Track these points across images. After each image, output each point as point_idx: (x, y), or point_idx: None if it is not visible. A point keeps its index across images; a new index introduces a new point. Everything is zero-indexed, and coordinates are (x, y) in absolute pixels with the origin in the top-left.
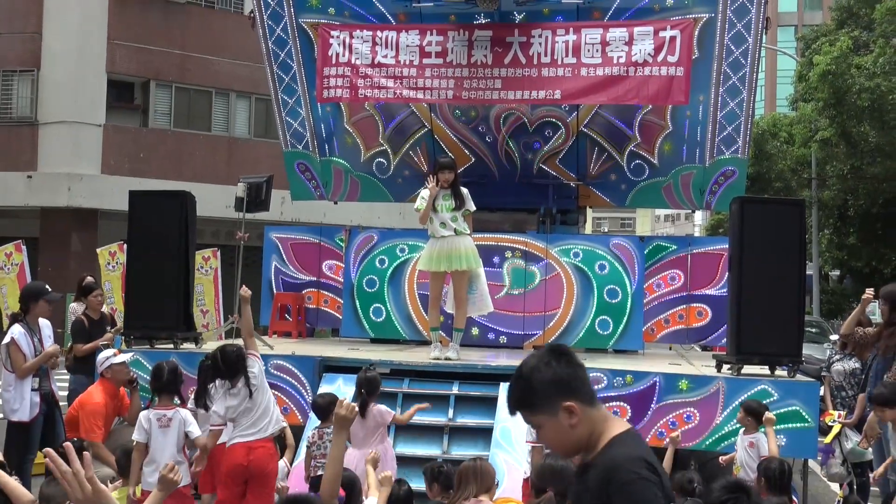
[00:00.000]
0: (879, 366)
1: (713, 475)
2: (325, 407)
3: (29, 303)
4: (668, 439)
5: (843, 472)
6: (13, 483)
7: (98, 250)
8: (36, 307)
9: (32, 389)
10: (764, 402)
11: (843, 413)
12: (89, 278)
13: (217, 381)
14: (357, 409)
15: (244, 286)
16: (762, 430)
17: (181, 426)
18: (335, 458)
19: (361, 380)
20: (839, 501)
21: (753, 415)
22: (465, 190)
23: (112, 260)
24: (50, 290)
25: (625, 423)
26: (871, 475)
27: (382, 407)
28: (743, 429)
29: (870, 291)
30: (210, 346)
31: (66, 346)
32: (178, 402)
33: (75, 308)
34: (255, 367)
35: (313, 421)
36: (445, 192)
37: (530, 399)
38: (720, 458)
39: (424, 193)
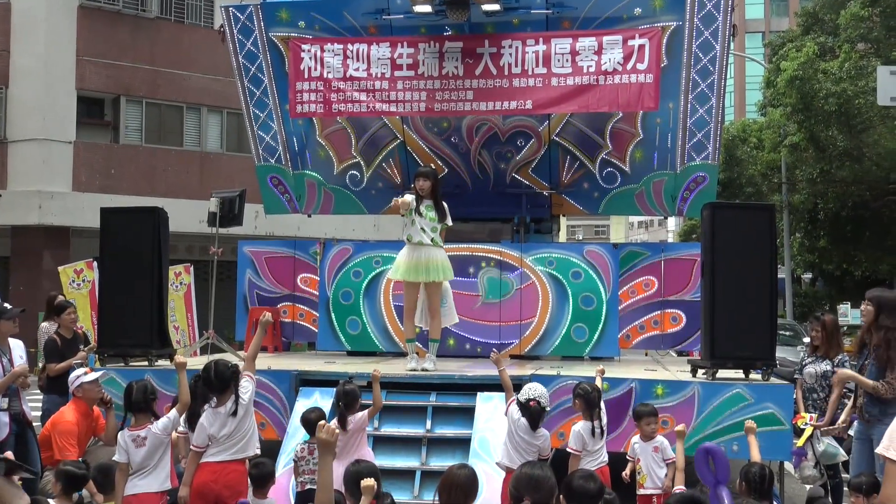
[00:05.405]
0: (872, 373)
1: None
2: (316, 421)
3: None
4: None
5: (817, 474)
6: None
7: (60, 268)
8: None
9: (2, 410)
10: (739, 405)
11: (814, 415)
12: (60, 297)
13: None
14: (338, 428)
15: (266, 311)
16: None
17: (156, 442)
18: (325, 484)
19: (339, 393)
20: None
21: (654, 417)
22: (445, 205)
23: (77, 278)
24: (8, 307)
25: None
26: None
27: (359, 413)
28: (637, 435)
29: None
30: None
31: (38, 365)
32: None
33: (46, 327)
34: (248, 389)
35: (291, 436)
36: (429, 202)
37: None
38: (622, 473)
39: (409, 197)
